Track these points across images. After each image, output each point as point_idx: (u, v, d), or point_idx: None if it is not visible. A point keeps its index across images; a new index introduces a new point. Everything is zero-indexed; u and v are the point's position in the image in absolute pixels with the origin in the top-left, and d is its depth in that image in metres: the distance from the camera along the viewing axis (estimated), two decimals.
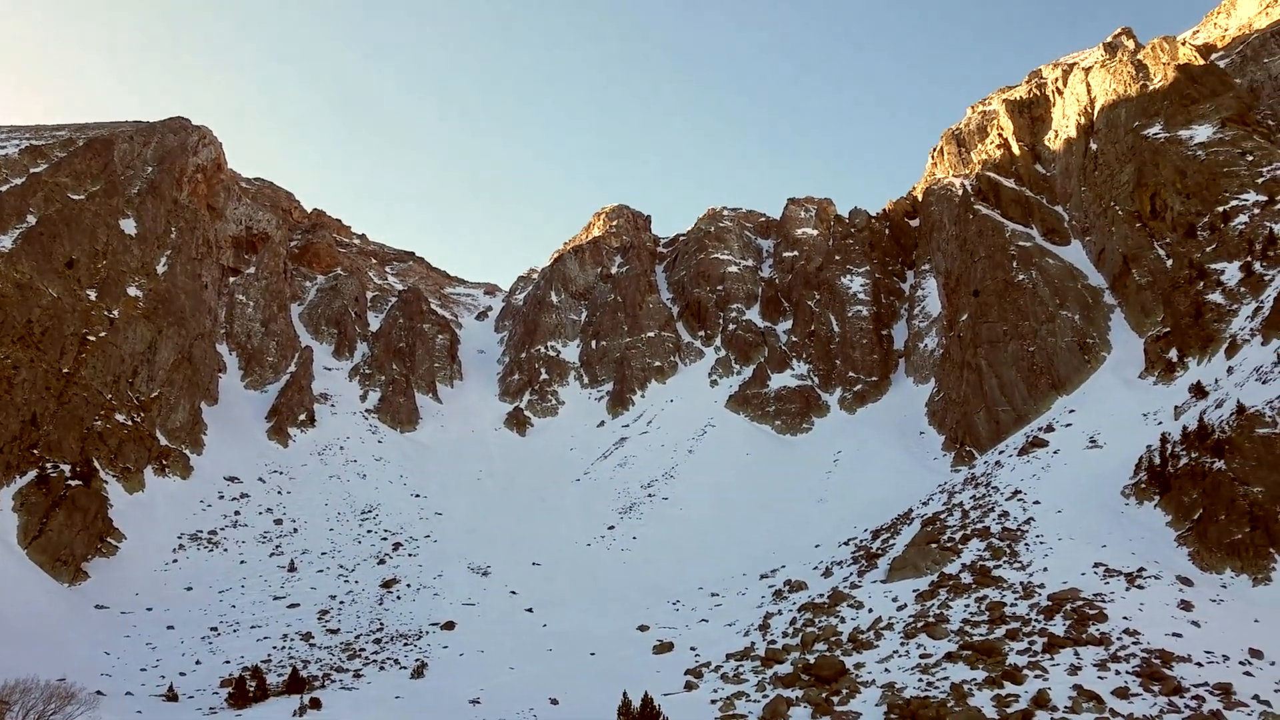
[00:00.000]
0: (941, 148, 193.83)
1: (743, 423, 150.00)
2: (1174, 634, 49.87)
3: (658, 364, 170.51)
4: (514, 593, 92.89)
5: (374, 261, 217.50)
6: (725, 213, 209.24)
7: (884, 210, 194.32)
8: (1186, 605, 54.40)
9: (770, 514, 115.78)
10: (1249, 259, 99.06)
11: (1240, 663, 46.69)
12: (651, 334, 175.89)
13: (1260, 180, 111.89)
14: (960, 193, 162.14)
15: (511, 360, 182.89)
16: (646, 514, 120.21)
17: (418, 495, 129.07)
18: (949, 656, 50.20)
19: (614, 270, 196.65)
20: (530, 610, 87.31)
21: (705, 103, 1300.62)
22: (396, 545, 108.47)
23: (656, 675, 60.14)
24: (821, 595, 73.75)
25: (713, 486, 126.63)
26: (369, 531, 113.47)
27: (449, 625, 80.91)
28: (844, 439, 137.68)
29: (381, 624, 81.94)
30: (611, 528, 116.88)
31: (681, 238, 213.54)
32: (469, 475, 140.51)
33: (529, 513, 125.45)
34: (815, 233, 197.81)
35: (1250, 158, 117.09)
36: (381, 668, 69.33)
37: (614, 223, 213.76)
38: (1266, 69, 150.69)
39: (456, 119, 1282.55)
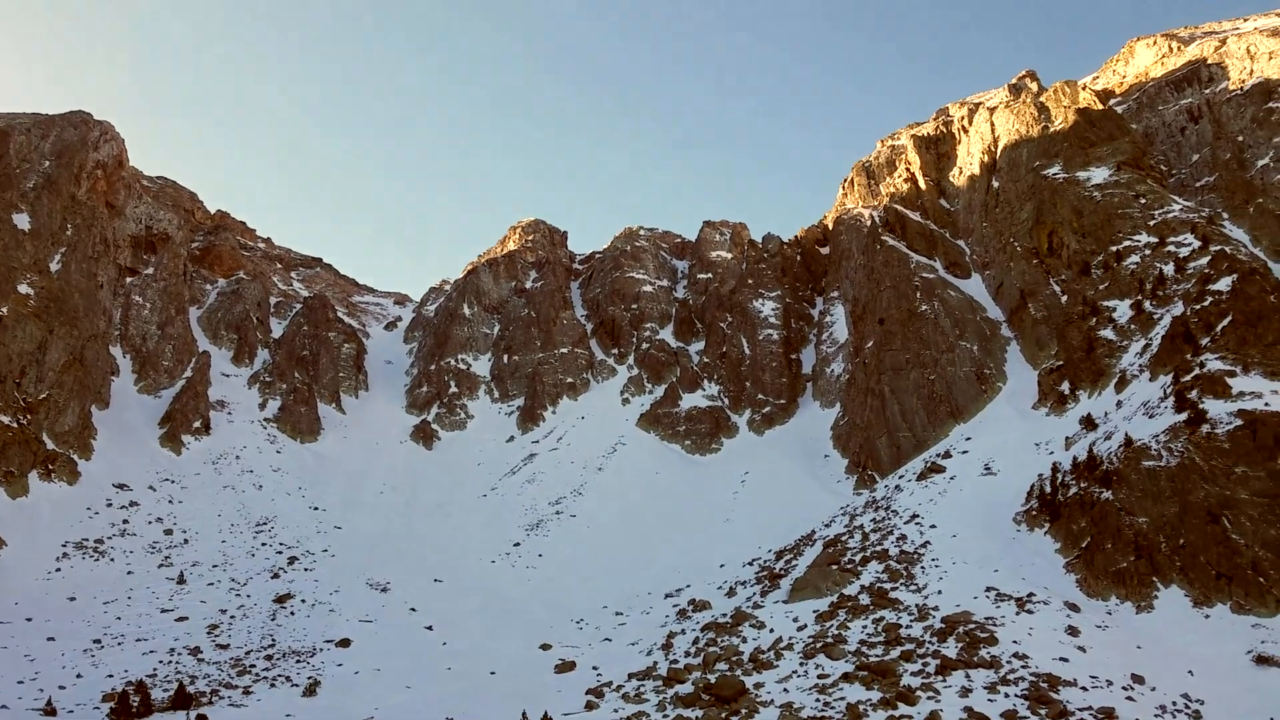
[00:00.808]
0: (852, 179, 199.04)
1: (653, 442, 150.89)
2: (1061, 659, 51.80)
3: (570, 380, 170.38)
4: (414, 610, 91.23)
5: (279, 266, 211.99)
6: (642, 232, 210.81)
7: (796, 237, 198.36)
8: (1073, 631, 56.59)
9: (678, 533, 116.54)
10: (1140, 298, 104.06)
11: (1123, 688, 48.68)
12: (565, 350, 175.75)
13: (1152, 223, 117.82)
14: (869, 224, 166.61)
15: (420, 372, 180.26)
16: (554, 531, 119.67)
17: (316, 508, 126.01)
18: (846, 677, 51.18)
19: (529, 285, 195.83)
20: (430, 628, 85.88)
21: (626, 123, 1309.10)
22: (292, 559, 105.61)
23: (557, 695, 59.80)
24: (725, 615, 74.45)
25: (621, 505, 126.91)
26: (264, 544, 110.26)
27: (344, 643, 78.99)
28: (752, 460, 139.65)
29: (274, 640, 79.52)
30: (518, 545, 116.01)
31: (598, 255, 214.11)
32: (371, 489, 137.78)
33: (433, 528, 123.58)
34: (729, 256, 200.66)
35: (1143, 201, 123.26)
36: (272, 685, 67.22)
37: (530, 237, 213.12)
38: (1161, 116, 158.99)
39: (372, 127, 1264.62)
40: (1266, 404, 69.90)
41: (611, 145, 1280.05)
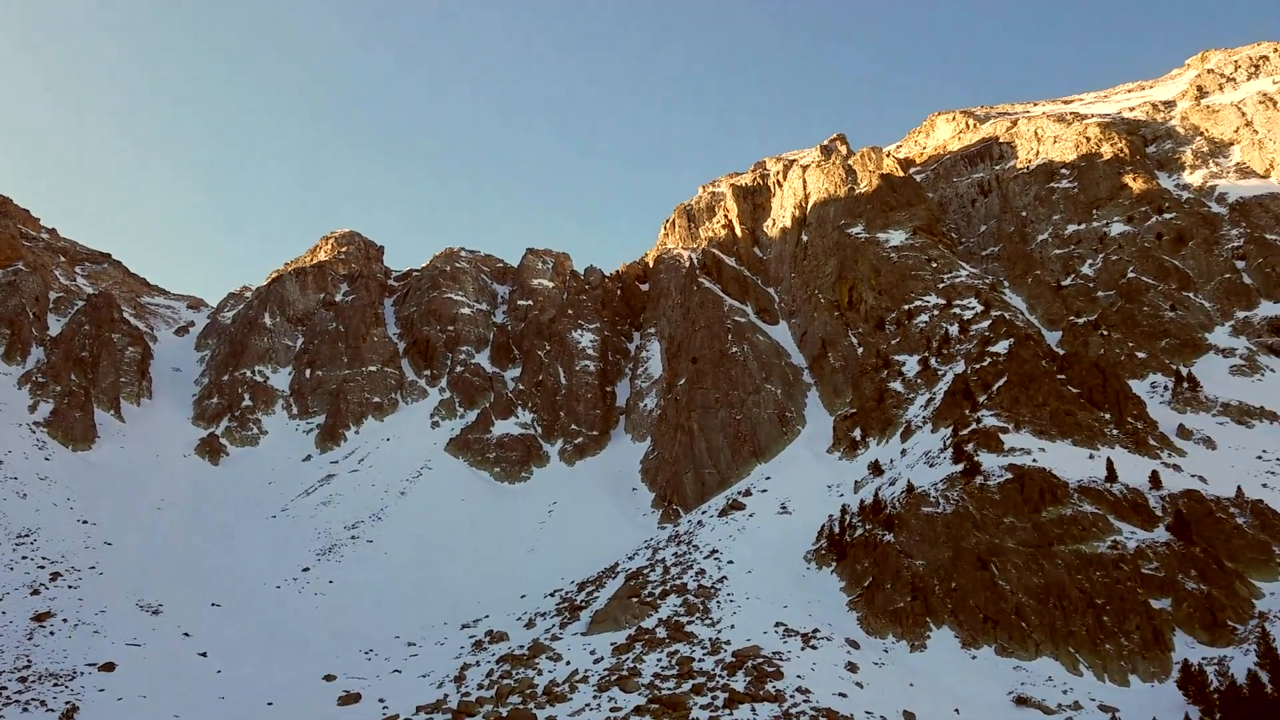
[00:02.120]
0: (674, 220, 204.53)
1: (461, 467, 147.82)
2: (840, 694, 54.04)
3: (377, 400, 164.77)
4: (187, 635, 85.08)
5: (63, 259, 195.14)
6: (463, 254, 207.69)
7: (618, 271, 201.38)
8: (853, 667, 59.25)
9: (480, 562, 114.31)
10: (927, 354, 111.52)
11: None
12: (373, 368, 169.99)
13: (941, 285, 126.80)
14: (687, 265, 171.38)
15: (211, 382, 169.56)
16: (347, 557, 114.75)
17: (86, 521, 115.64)
18: (637, 710, 51.45)
19: (339, 298, 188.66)
20: (205, 654, 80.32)
21: (456, 145, 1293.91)
22: (55, 575, 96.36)
23: None
24: (522, 647, 73.46)
25: (422, 531, 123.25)
26: (24, 558, 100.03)
27: (108, 666, 72.70)
28: (561, 490, 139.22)
29: (29, 661, 72.25)
30: (307, 570, 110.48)
31: (415, 273, 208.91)
32: (148, 503, 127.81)
33: (215, 548, 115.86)
34: (551, 284, 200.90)
35: (934, 264, 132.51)
36: (25, 709, 61.06)
37: (344, 249, 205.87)
38: (955, 187, 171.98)
39: (186, 128, 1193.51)
40: (1034, 460, 76.19)
41: (439, 166, 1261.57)
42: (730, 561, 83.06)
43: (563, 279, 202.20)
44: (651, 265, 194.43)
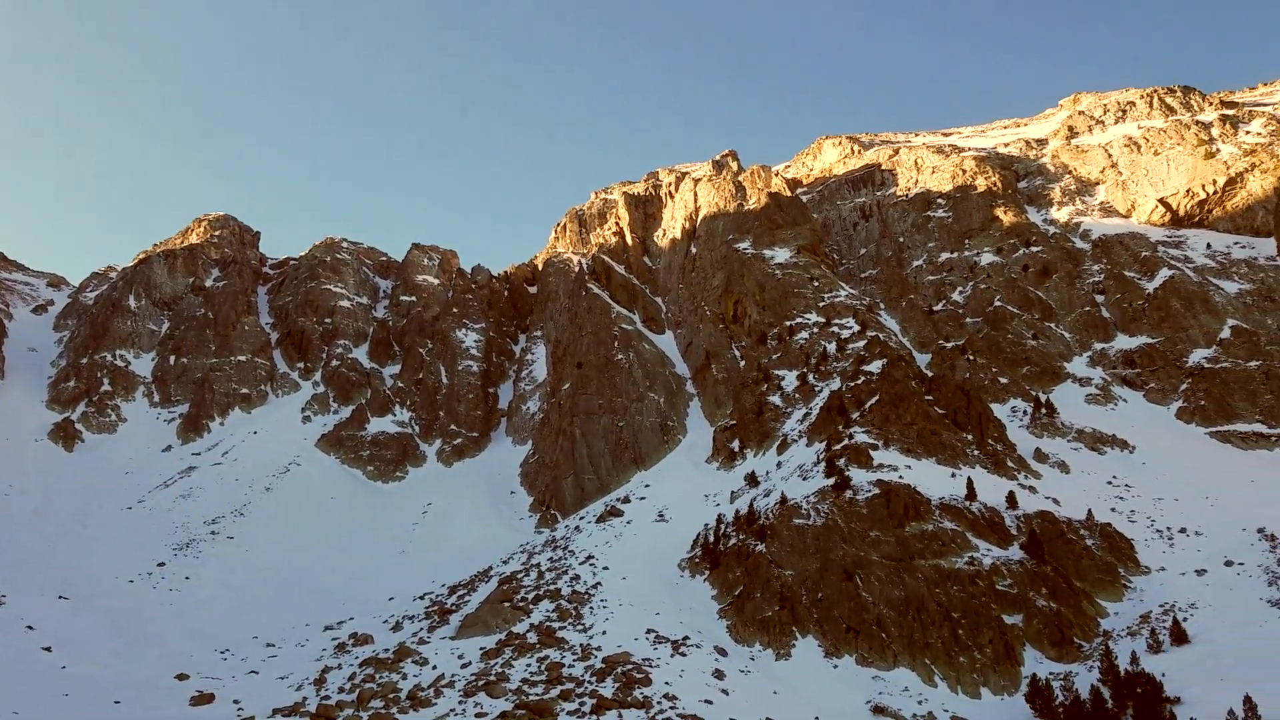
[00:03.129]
0: (565, 224, 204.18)
1: (333, 464, 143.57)
2: (706, 700, 54.63)
3: (245, 391, 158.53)
4: (31, 628, 79.85)
5: None
6: (345, 245, 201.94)
7: (506, 272, 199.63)
8: (720, 674, 60.03)
9: (347, 563, 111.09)
10: (805, 370, 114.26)
11: None
12: (243, 358, 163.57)
13: (821, 304, 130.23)
14: (577, 270, 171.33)
15: (69, 364, 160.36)
16: (206, 552, 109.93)
17: None
18: (503, 715, 50.78)
19: (209, 283, 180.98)
20: (49, 649, 75.55)
21: (342, 135, 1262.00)
22: None
23: None
24: (387, 650, 71.65)
25: (288, 529, 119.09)
26: None
27: None
28: (437, 491, 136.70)
29: None
30: (163, 564, 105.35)
31: (293, 262, 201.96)
32: None
33: (65, 539, 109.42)
34: (436, 281, 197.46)
35: (816, 284, 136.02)
36: None
37: (217, 232, 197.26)
38: (838, 210, 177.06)
39: (53, 101, 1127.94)
40: (900, 477, 78.87)
41: (322, 155, 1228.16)
42: (606, 568, 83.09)
43: (449, 276, 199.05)
44: (541, 268, 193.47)
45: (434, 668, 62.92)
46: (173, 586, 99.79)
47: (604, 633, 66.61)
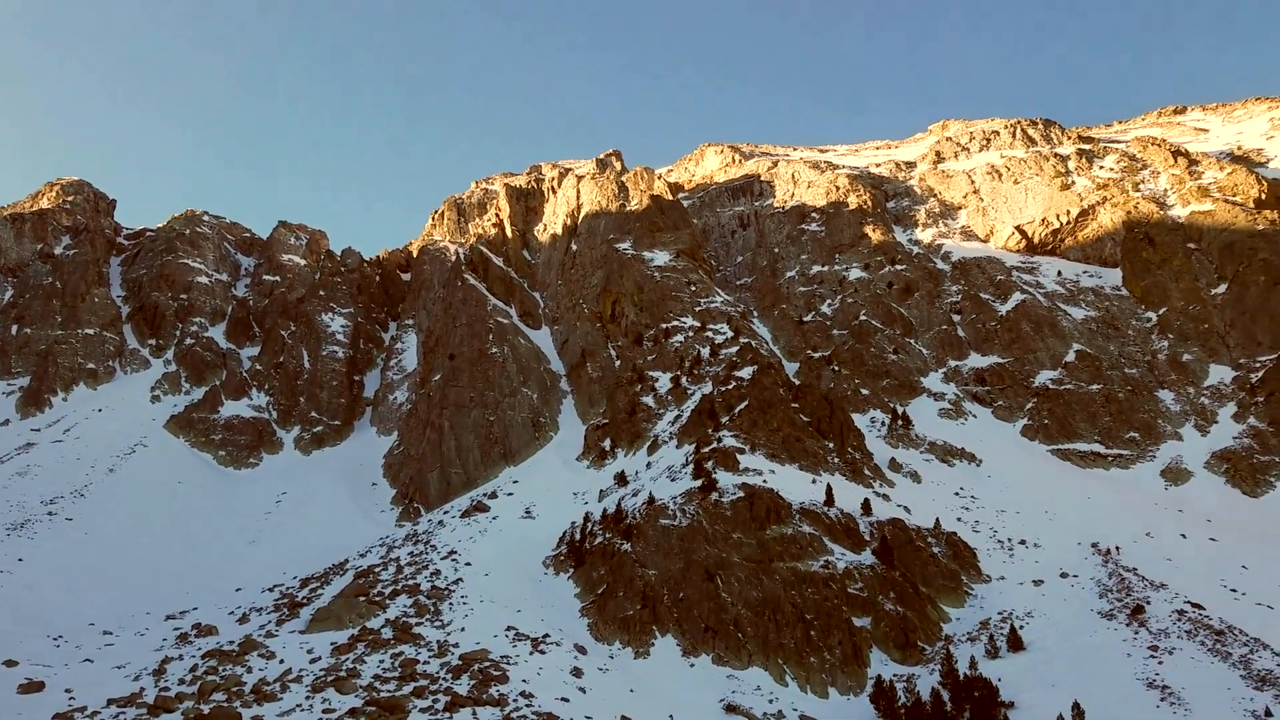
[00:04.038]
0: (443, 212, 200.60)
1: (182, 447, 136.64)
2: (563, 699, 54.52)
3: (92, 366, 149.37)
4: None
5: None
6: (206, 218, 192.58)
7: (378, 257, 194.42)
8: (578, 672, 60.00)
9: (194, 550, 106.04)
10: (679, 373, 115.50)
11: None
12: (91, 331, 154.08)
13: (698, 309, 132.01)
14: (454, 259, 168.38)
15: None
16: (42, 534, 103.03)
17: None
18: (352, 712, 49.43)
19: (59, 251, 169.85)
20: None
21: (209, 104, 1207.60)
22: None
23: (17, 718, 51.24)
24: (233, 642, 68.69)
25: (131, 513, 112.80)
26: None
27: None
28: (293, 480, 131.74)
29: None
30: None
31: (150, 233, 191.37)
32: None
33: None
34: (303, 262, 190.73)
35: (693, 288, 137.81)
36: None
37: (69, 198, 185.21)
38: (718, 216, 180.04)
39: None
40: (765, 481, 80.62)
41: (187, 120, 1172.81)
42: (468, 564, 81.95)
43: (316, 258, 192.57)
44: (416, 255, 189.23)
45: (281, 662, 60.72)
46: (3, 568, 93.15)
47: (463, 629, 65.72)
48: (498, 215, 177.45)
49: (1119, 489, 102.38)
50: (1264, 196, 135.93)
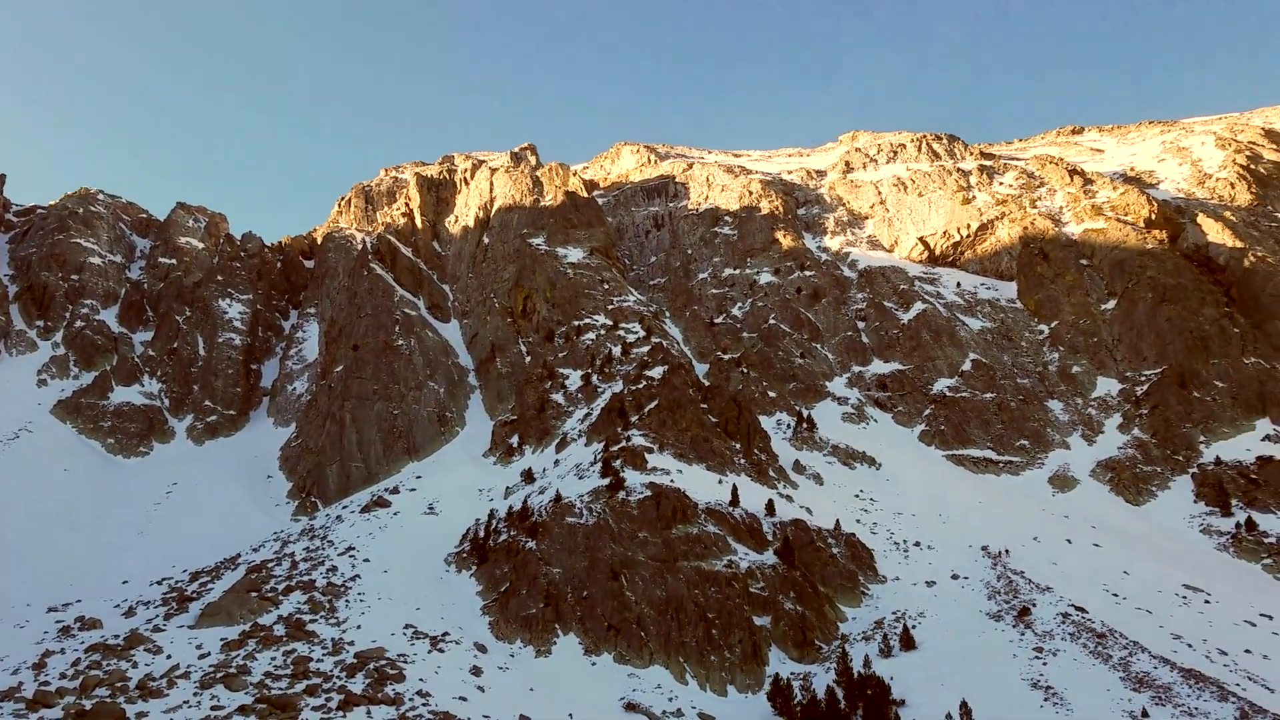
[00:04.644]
0: (351, 199, 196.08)
1: (69, 434, 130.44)
2: (461, 697, 53.83)
3: None
4: None
5: None
6: (101, 197, 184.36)
7: (280, 243, 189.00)
8: (477, 671, 59.34)
9: (78, 541, 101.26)
10: (590, 371, 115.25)
11: None
12: None
13: (610, 307, 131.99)
14: (360, 248, 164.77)
15: None
16: None
17: None
18: (242, 710, 47.96)
19: None
20: None
21: (108, 81, 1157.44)
22: None
23: None
24: (117, 636, 65.93)
25: (13, 500, 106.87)
26: None
27: None
28: (185, 470, 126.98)
29: None
30: None
31: (41, 210, 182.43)
32: None
33: None
34: (201, 246, 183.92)
35: (606, 286, 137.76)
36: None
37: None
38: (632, 216, 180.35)
39: None
40: (672, 480, 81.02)
41: (83, 97, 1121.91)
42: (367, 560, 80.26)
43: (215, 241, 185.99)
44: (320, 242, 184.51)
45: (168, 657, 58.57)
46: None
47: (359, 627, 64.40)
48: (407, 205, 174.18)
49: (1009, 494, 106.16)
50: (1154, 217, 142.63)
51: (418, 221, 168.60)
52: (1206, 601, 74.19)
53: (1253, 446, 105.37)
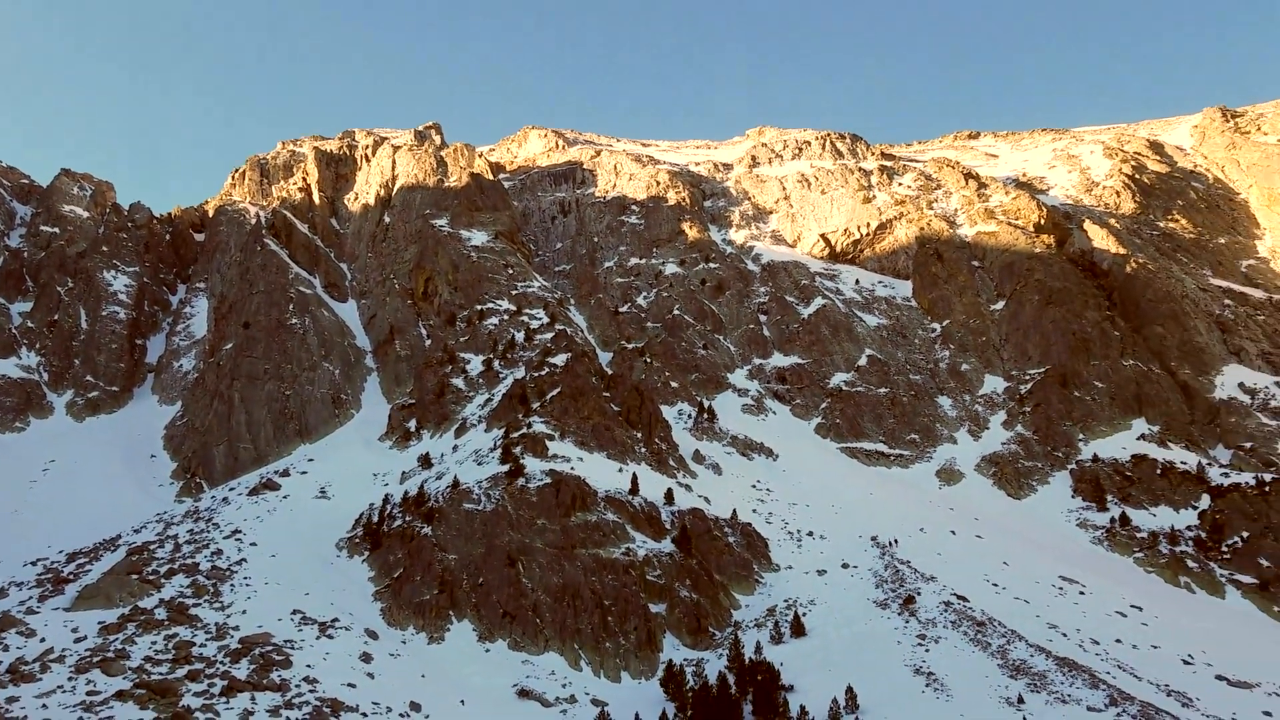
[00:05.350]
0: (245, 172, 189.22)
1: None
2: (350, 684, 52.86)
3: None
4: None
5: None
6: None
7: (170, 214, 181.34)
8: (367, 657, 58.30)
9: None
10: (492, 356, 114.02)
11: (400, 715, 51.40)
12: None
13: (514, 292, 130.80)
14: (254, 222, 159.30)
15: None
16: None
17: None
18: (120, 695, 46.34)
19: None
20: None
21: None
22: None
23: None
24: None
25: None
26: None
27: None
28: (64, 447, 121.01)
29: None
30: None
31: None
32: None
33: None
34: (86, 215, 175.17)
35: (511, 271, 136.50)
36: None
37: None
38: (539, 201, 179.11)
39: None
40: (573, 468, 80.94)
41: None
42: (254, 544, 77.94)
43: (101, 211, 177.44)
44: (212, 215, 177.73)
45: (42, 640, 55.99)
46: None
47: (244, 612, 62.57)
48: (305, 179, 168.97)
49: (899, 486, 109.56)
50: (1043, 221, 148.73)
51: (315, 197, 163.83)
52: (1081, 592, 77.96)
53: (1128, 445, 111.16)
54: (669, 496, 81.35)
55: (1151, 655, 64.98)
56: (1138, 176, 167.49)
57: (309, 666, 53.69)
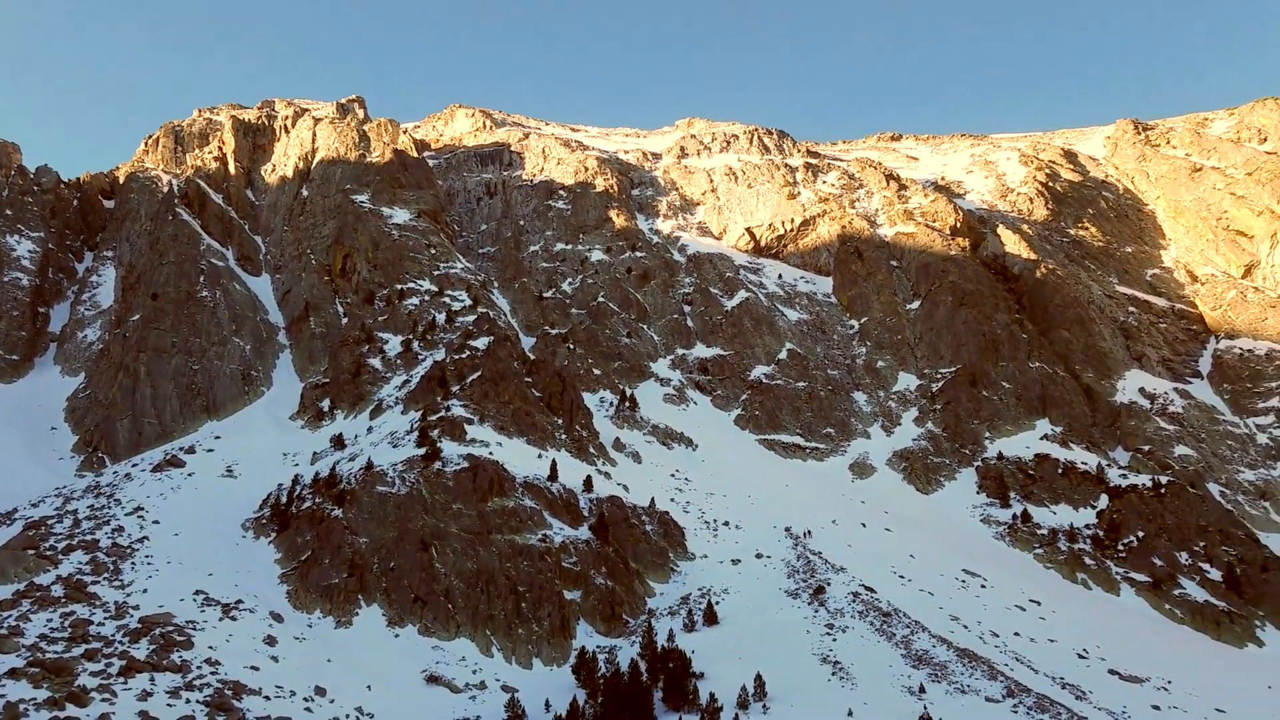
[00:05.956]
0: (159, 138, 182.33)
1: None
2: (253, 667, 51.67)
3: None
4: None
5: None
6: None
7: (79, 179, 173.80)
8: (271, 640, 57.03)
9: None
10: (411, 337, 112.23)
11: (305, 699, 50.40)
12: None
13: (436, 273, 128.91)
14: (166, 190, 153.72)
15: None
16: None
17: None
18: (13, 673, 44.80)
19: None
20: None
21: None
22: None
23: None
24: None
25: None
26: None
27: None
28: None
29: None
30: None
31: None
32: None
33: None
34: None
35: (433, 251, 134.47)
36: None
37: None
38: (464, 181, 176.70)
39: None
40: (491, 453, 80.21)
41: None
42: (156, 522, 75.50)
43: (6, 173, 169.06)
44: (123, 182, 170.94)
45: None
46: None
47: (145, 591, 60.71)
48: (221, 149, 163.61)
49: (814, 479, 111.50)
50: (959, 225, 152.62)
51: (231, 167, 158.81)
52: (983, 586, 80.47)
53: (1032, 444, 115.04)
54: (588, 484, 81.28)
55: (1048, 649, 67.45)
56: (1051, 184, 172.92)
57: (211, 648, 52.36)
